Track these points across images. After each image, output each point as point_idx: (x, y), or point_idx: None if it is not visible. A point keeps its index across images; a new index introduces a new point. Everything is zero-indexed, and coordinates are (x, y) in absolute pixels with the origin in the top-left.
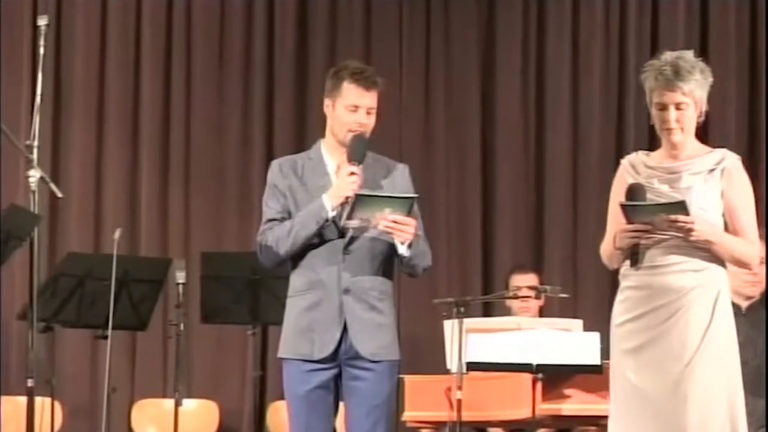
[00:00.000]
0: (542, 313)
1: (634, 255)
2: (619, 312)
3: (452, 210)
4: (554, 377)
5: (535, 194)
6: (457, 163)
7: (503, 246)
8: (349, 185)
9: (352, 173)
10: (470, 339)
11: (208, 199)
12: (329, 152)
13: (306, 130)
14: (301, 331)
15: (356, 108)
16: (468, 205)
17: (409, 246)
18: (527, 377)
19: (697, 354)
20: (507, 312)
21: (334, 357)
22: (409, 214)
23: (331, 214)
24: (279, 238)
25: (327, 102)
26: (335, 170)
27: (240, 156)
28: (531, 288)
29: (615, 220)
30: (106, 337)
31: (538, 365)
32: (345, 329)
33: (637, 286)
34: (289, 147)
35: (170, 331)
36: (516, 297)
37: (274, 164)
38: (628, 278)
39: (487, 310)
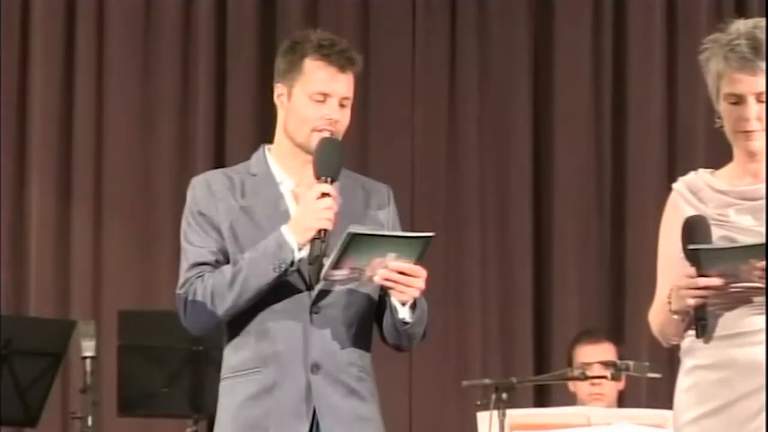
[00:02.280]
0: (622, 400)
1: (700, 321)
2: (686, 404)
3: (489, 247)
4: None
5: (612, 226)
6: (496, 179)
7: (565, 302)
8: (322, 213)
9: (325, 194)
10: None
11: (129, 232)
12: (282, 163)
13: (273, 129)
14: (247, 428)
15: (325, 97)
16: (513, 240)
17: (413, 306)
18: None
19: None
20: (571, 400)
21: None
22: (418, 260)
23: (298, 255)
24: (216, 290)
25: (280, 88)
26: (292, 190)
27: (175, 168)
28: (606, 364)
29: (670, 272)
30: None
31: None
32: (315, 424)
33: (712, 365)
34: (248, 155)
35: (73, 428)
36: (584, 378)
37: (198, 182)
38: (696, 354)
39: (542, 397)
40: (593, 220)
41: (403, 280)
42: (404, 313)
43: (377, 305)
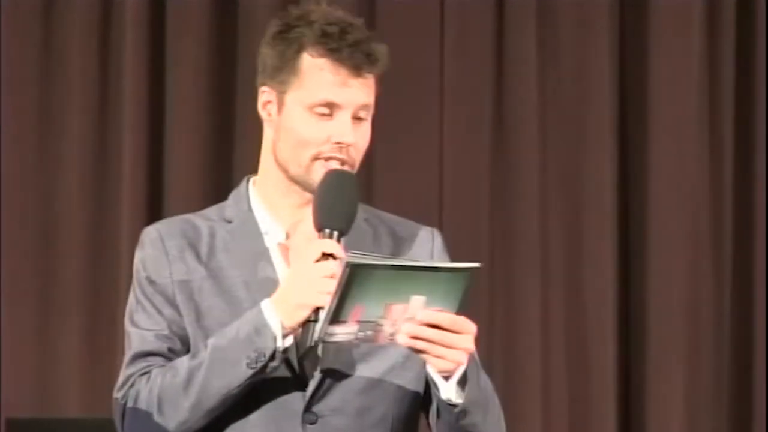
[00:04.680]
0: None
1: None
2: None
3: (554, 314)
4: None
5: (734, 284)
6: (564, 211)
7: (665, 403)
8: (320, 284)
9: (327, 255)
10: None
11: (21, 303)
12: (269, 204)
13: (236, 160)
14: None
15: (333, 109)
16: (588, 305)
17: (462, 382)
18: None
19: None
20: None
21: None
22: (461, 308)
23: (282, 344)
24: (165, 395)
25: (266, 94)
26: (281, 243)
27: (88, 206)
28: None
29: None
30: None
31: None
32: None
33: None
34: (195, 183)
35: None
36: None
37: (148, 236)
38: None
39: None
40: (705, 276)
41: (439, 339)
42: (448, 392)
43: (424, 399)
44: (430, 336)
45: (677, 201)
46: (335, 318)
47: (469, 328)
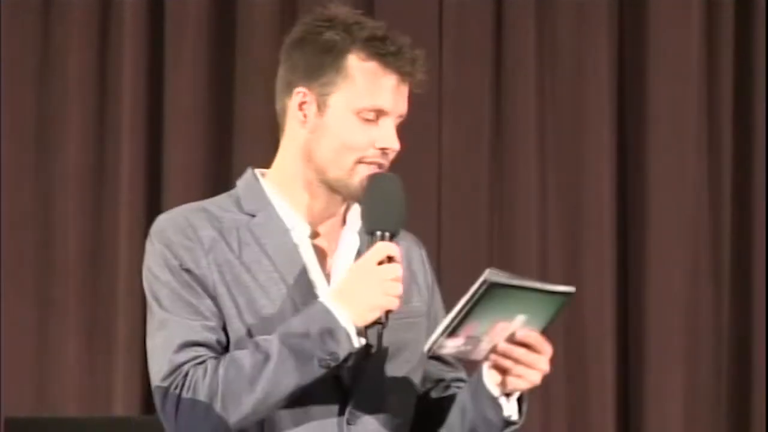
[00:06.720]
0: None
1: None
2: None
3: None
4: None
5: (733, 291)
6: (563, 217)
7: (664, 406)
8: (390, 287)
9: (392, 259)
10: None
11: (19, 301)
12: (293, 201)
13: (235, 160)
14: None
15: (378, 116)
16: (587, 315)
17: (520, 400)
18: None
19: None
20: None
21: None
22: (545, 330)
23: (358, 343)
24: (230, 388)
25: (302, 95)
26: (313, 243)
27: (86, 206)
28: None
29: None
30: None
31: None
32: None
33: None
34: (193, 178)
35: None
36: None
37: (170, 224)
38: None
39: None
40: (705, 276)
41: (523, 359)
42: (511, 409)
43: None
44: (518, 356)
45: (676, 201)
46: (453, 332)
47: (548, 349)
